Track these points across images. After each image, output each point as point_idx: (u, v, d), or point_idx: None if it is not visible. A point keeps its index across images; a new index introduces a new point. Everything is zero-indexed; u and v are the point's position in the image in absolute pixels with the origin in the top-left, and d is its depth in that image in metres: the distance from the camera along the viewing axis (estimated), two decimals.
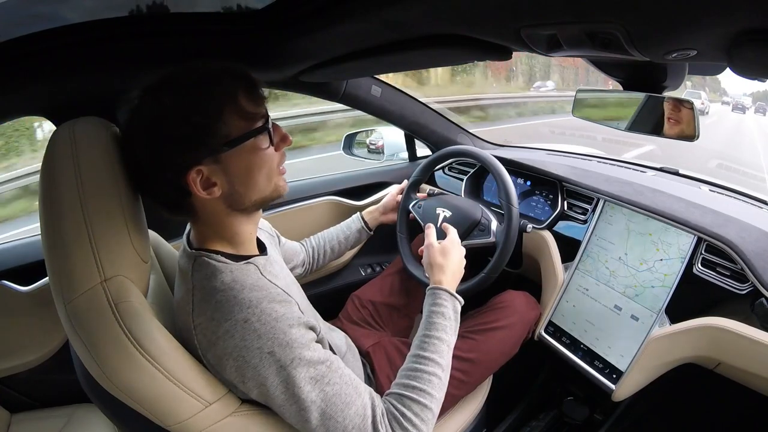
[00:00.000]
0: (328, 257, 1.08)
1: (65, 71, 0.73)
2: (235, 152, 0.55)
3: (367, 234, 1.11)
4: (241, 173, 0.57)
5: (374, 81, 1.22)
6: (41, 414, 1.00)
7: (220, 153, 0.54)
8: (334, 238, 1.08)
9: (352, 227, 1.09)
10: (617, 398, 0.88)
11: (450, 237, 0.86)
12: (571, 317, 1.00)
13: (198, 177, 0.54)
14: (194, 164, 0.53)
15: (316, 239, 1.07)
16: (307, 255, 1.04)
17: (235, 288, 0.55)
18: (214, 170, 0.55)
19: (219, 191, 0.56)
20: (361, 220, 1.10)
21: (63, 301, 0.49)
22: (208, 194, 0.55)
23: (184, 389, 0.52)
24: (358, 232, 1.09)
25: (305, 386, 0.54)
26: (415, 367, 0.64)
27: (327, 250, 1.07)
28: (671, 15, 0.37)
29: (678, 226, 0.88)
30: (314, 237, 1.08)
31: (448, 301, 0.73)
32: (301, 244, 1.04)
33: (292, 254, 0.99)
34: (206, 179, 0.55)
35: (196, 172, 0.54)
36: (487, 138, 1.55)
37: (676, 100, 0.72)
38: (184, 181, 0.54)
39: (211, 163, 0.54)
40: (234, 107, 0.54)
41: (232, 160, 0.56)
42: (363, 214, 1.11)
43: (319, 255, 1.06)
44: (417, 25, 0.57)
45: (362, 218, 1.10)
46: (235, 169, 0.56)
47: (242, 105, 0.55)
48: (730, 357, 0.78)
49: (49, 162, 0.52)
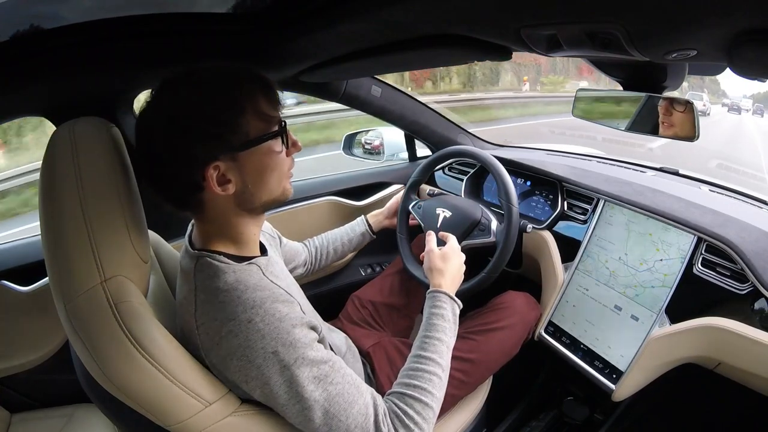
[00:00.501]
0: (331, 258, 1.08)
1: (65, 71, 0.73)
2: (252, 152, 0.56)
3: (371, 237, 1.11)
4: (255, 173, 0.58)
5: (374, 81, 1.22)
6: (41, 414, 1.00)
7: (239, 151, 0.55)
8: (337, 240, 1.08)
9: (356, 230, 1.10)
10: (617, 398, 0.88)
11: (450, 244, 0.88)
12: (571, 317, 1.00)
13: (215, 172, 0.54)
14: (213, 159, 0.54)
15: (320, 240, 1.08)
16: (309, 255, 1.04)
17: (238, 288, 0.55)
18: (230, 167, 0.55)
19: (233, 188, 0.57)
20: (365, 222, 1.11)
21: (63, 301, 0.49)
22: (222, 190, 0.56)
23: (184, 389, 0.52)
24: (361, 235, 1.10)
25: (308, 385, 0.54)
26: (416, 367, 0.65)
27: (330, 251, 1.07)
28: (671, 15, 0.37)
29: (678, 226, 0.88)
30: (318, 238, 1.08)
31: (447, 303, 0.75)
32: (303, 244, 1.05)
33: (293, 254, 0.99)
34: (222, 175, 0.55)
35: (213, 168, 0.54)
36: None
37: (672, 100, 0.72)
38: (201, 176, 0.54)
39: (228, 161, 0.55)
40: (255, 108, 0.55)
41: (248, 160, 0.56)
42: (368, 217, 1.12)
43: (321, 256, 1.06)
44: (417, 25, 0.57)
45: (366, 221, 1.11)
46: (250, 168, 0.57)
47: (262, 107, 0.56)
48: (730, 357, 0.78)
49: (49, 162, 0.52)
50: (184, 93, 0.53)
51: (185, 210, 0.60)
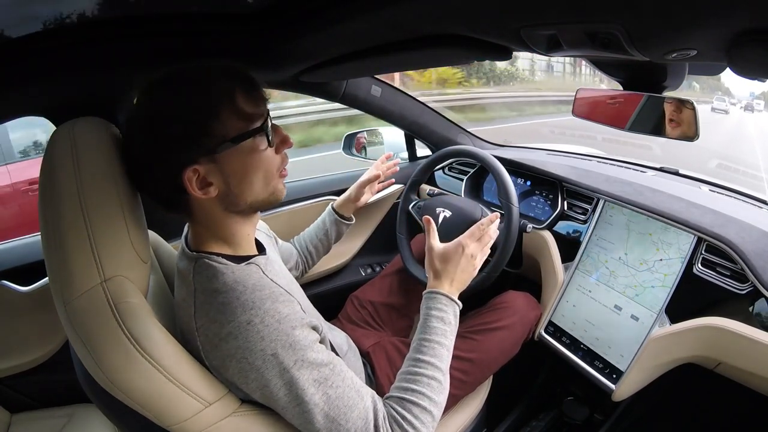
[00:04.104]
0: (315, 257, 1.06)
1: (65, 71, 0.73)
2: (232, 152, 0.54)
3: (347, 224, 1.07)
4: (238, 174, 0.56)
5: (374, 81, 1.22)
6: (41, 414, 1.00)
7: (216, 153, 0.54)
8: (314, 237, 1.05)
9: (326, 221, 1.06)
10: (617, 398, 0.88)
11: (458, 239, 0.78)
12: (571, 317, 1.00)
13: (194, 176, 0.54)
14: (190, 163, 0.53)
15: (299, 241, 1.05)
16: (299, 256, 1.04)
17: (237, 289, 0.55)
18: (210, 170, 0.54)
19: (215, 191, 0.56)
20: (333, 212, 1.06)
21: (63, 302, 0.49)
22: (203, 194, 0.55)
23: (183, 389, 0.52)
24: (334, 224, 1.05)
25: (309, 388, 0.53)
26: (415, 371, 0.64)
27: (311, 250, 1.05)
28: (671, 15, 0.37)
29: (678, 226, 0.88)
30: (296, 239, 1.06)
31: (447, 306, 0.71)
32: (292, 244, 1.04)
33: (287, 256, 0.99)
34: (202, 179, 0.54)
35: (192, 171, 0.53)
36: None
37: (677, 100, 0.72)
38: (180, 180, 0.53)
39: (208, 163, 0.54)
40: (231, 106, 0.54)
41: (229, 161, 0.55)
42: (335, 205, 1.07)
43: (306, 256, 1.05)
44: (417, 25, 0.57)
45: (334, 211, 1.06)
46: (231, 169, 0.55)
47: (240, 104, 0.54)
48: (730, 357, 0.78)
49: (49, 162, 0.52)
50: (160, 95, 0.53)
51: (174, 212, 0.59)
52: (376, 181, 1.10)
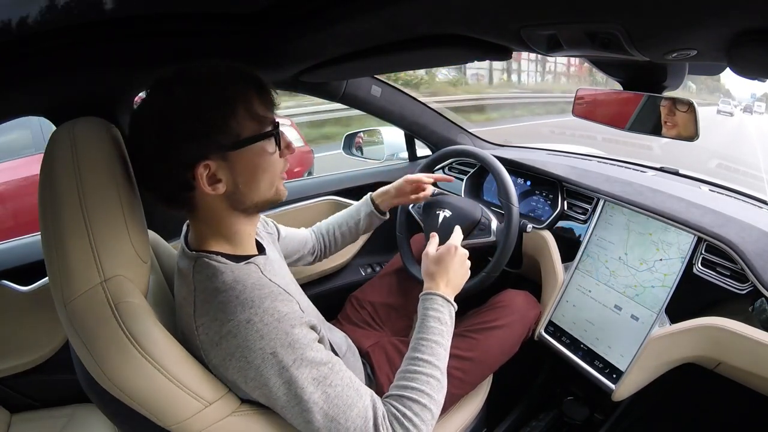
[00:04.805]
0: (340, 243, 1.03)
1: (65, 71, 0.73)
2: (243, 152, 0.56)
3: (380, 219, 1.02)
4: (247, 174, 0.57)
5: (374, 81, 1.22)
6: (41, 414, 1.00)
7: (230, 151, 0.55)
8: (344, 224, 1.02)
9: (361, 211, 1.01)
10: (617, 398, 0.88)
11: (447, 243, 0.79)
12: (571, 317, 1.00)
13: (205, 171, 0.54)
14: (203, 159, 0.54)
15: (326, 225, 1.02)
16: (317, 242, 1.01)
17: (236, 288, 0.55)
18: (221, 167, 0.55)
19: (223, 188, 0.56)
20: (370, 203, 1.01)
21: (63, 301, 0.49)
22: (212, 190, 0.55)
23: (183, 389, 0.52)
24: (368, 216, 1.01)
25: (308, 387, 0.53)
26: (414, 369, 0.64)
27: (337, 236, 1.01)
28: (671, 15, 0.37)
29: (678, 226, 0.88)
30: (324, 222, 1.03)
31: (443, 306, 0.71)
32: (311, 231, 1.02)
33: (298, 244, 0.96)
34: (212, 175, 0.55)
35: (203, 167, 0.54)
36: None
37: (675, 101, 0.72)
38: (191, 175, 0.54)
39: (219, 160, 0.55)
40: (247, 108, 0.55)
41: (240, 160, 0.56)
42: (373, 196, 1.03)
43: (330, 242, 1.02)
44: (417, 25, 0.57)
45: (372, 201, 1.02)
46: (241, 168, 0.57)
47: (255, 107, 0.56)
48: (730, 357, 0.78)
49: (49, 162, 0.52)
50: (175, 92, 0.53)
51: (177, 209, 0.59)
52: (421, 184, 1.02)
